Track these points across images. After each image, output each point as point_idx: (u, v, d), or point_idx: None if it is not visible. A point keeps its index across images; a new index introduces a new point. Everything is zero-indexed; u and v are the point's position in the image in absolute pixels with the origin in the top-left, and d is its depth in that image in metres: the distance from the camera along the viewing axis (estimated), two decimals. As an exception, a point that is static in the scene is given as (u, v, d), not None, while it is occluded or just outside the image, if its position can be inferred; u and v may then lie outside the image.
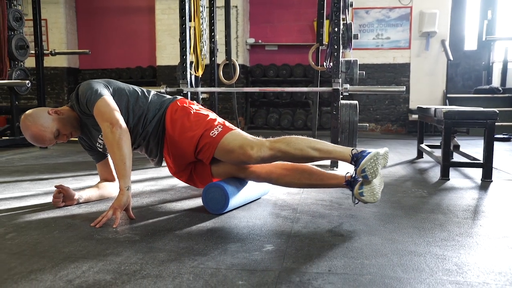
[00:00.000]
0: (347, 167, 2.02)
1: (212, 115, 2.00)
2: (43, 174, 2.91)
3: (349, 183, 1.80)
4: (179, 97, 2.07)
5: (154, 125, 1.95)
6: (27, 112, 1.89)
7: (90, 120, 1.91)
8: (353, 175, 1.78)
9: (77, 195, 1.96)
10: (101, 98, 1.81)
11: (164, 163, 2.09)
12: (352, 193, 1.73)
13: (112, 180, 2.12)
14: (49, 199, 2.11)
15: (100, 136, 1.96)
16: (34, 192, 2.31)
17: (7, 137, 4.49)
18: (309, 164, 1.92)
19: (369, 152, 1.69)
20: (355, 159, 1.72)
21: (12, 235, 1.55)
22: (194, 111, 1.98)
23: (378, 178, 1.73)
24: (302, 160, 1.85)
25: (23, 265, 1.26)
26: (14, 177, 2.79)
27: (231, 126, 1.93)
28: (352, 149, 1.76)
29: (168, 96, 2.08)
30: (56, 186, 1.92)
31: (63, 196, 1.93)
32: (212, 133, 1.87)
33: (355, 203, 1.78)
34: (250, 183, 2.01)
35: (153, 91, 2.08)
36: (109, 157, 2.08)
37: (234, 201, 1.85)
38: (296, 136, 1.86)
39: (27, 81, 4.25)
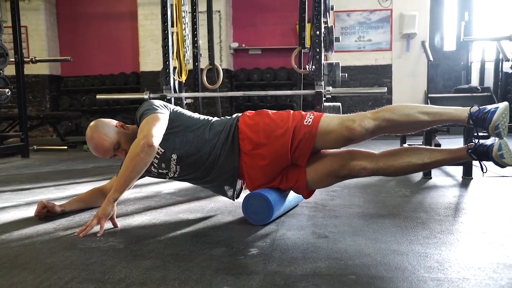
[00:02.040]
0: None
1: (291, 111, 1.83)
2: (25, 184, 2.87)
3: (475, 151, 1.65)
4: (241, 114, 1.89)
5: (223, 143, 1.78)
6: (94, 122, 1.85)
7: None
8: (477, 142, 1.63)
9: (60, 210, 1.92)
10: (155, 114, 1.74)
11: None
12: (491, 156, 1.60)
13: None
14: (31, 209, 2.07)
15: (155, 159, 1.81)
16: (15, 202, 2.27)
17: (-12, 147, 4.41)
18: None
19: (496, 108, 1.57)
20: (474, 118, 1.58)
21: (-7, 247, 1.52)
22: (270, 112, 1.83)
23: (507, 139, 1.60)
24: (410, 127, 1.70)
25: (3, 278, 1.23)
26: (-5, 187, 2.74)
27: (318, 112, 1.79)
28: (471, 107, 1.62)
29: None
30: (42, 203, 1.87)
31: (47, 211, 1.89)
32: (306, 122, 1.70)
33: (484, 172, 1.67)
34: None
35: (214, 118, 1.94)
36: None
37: (277, 212, 1.76)
38: (401, 103, 1.73)
39: (7, 90, 4.18)
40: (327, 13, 4.20)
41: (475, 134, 1.65)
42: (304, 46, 4.46)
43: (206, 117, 1.93)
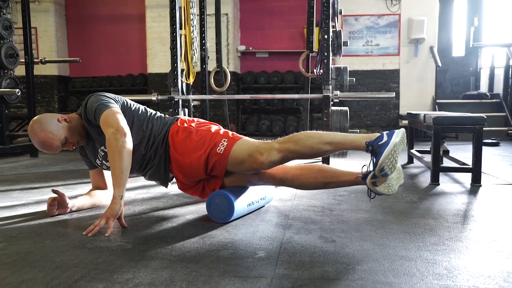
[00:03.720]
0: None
1: (214, 127, 1.96)
2: (34, 183, 2.89)
3: (365, 176, 1.72)
4: (179, 116, 2.04)
5: (157, 147, 1.93)
6: (36, 117, 1.88)
7: (93, 132, 1.90)
8: (371, 169, 1.68)
9: (70, 203, 1.95)
10: (110, 108, 1.82)
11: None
12: (365, 182, 1.68)
13: (104, 188, 2.12)
14: (40, 208, 2.09)
15: (100, 150, 1.94)
16: (24, 201, 2.29)
17: (-3, 146, 4.45)
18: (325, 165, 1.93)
19: (386, 144, 1.61)
20: (371, 148, 1.66)
21: (3, 245, 1.53)
22: (196, 129, 1.94)
23: (395, 172, 1.67)
24: (314, 156, 1.81)
25: (14, 275, 1.25)
26: (4, 186, 2.77)
27: (236, 135, 1.91)
28: (366, 141, 1.68)
29: (169, 117, 2.05)
30: (53, 191, 1.91)
31: (58, 204, 1.92)
32: (219, 150, 1.83)
33: (370, 197, 1.70)
34: (254, 191, 1.99)
35: (157, 113, 2.06)
36: None
37: (239, 210, 1.85)
38: (306, 132, 1.81)
39: (17, 90, 4.22)
40: (335, 17, 4.20)
41: (370, 161, 1.67)
42: (312, 50, 4.47)
43: (148, 111, 2.03)
